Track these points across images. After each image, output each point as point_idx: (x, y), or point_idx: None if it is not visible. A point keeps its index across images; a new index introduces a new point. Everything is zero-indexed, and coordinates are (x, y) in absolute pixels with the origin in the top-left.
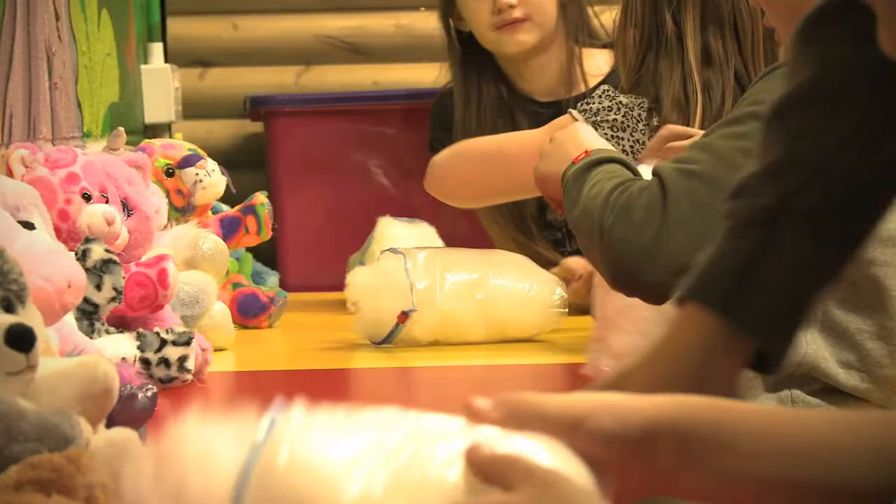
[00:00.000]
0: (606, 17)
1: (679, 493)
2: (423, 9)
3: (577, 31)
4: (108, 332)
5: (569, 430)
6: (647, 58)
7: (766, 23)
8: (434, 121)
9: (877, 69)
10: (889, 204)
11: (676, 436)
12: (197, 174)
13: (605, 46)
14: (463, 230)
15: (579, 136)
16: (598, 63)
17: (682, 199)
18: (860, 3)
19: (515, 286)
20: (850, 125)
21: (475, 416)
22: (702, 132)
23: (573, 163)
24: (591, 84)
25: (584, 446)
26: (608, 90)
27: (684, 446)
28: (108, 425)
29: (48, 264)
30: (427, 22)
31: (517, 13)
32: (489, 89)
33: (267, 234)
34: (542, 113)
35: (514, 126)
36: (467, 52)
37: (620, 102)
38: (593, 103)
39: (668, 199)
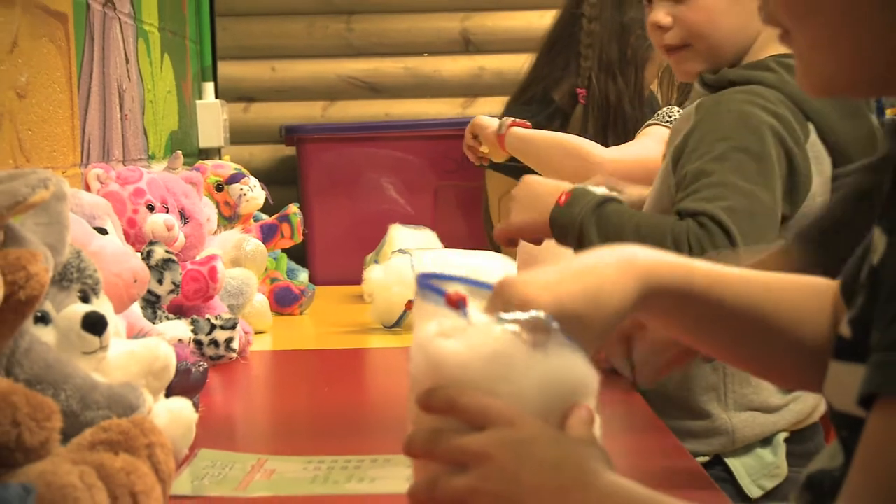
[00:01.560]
0: None
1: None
2: (426, 54)
3: None
4: (167, 318)
5: None
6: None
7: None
8: None
9: None
10: None
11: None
12: (241, 189)
13: None
14: (459, 234)
15: (543, 182)
16: None
17: (744, 238)
18: None
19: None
20: None
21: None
22: None
23: (558, 204)
24: None
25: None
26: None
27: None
28: (167, 395)
29: (118, 263)
30: (429, 65)
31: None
32: None
33: (298, 238)
34: None
35: None
36: None
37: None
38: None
39: (734, 239)
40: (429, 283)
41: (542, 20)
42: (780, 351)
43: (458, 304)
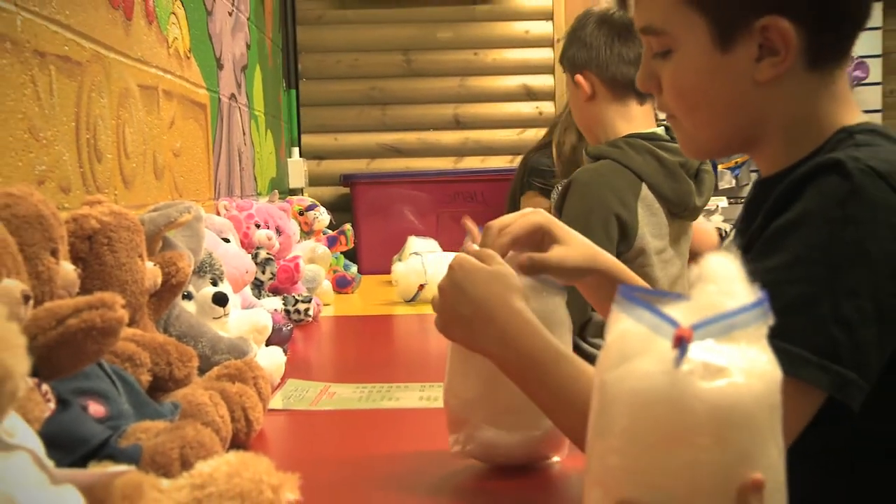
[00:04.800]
0: None
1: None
2: (431, 130)
3: None
4: (268, 296)
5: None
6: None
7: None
8: None
9: None
10: None
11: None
12: (315, 214)
13: None
14: (453, 243)
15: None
16: None
17: None
18: None
19: None
20: None
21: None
22: None
23: None
24: None
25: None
26: None
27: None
28: (267, 345)
29: (236, 261)
30: (433, 137)
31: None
32: None
33: (350, 245)
34: None
35: None
36: None
37: None
38: None
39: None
40: (651, 306)
41: (508, 108)
42: None
43: (680, 343)
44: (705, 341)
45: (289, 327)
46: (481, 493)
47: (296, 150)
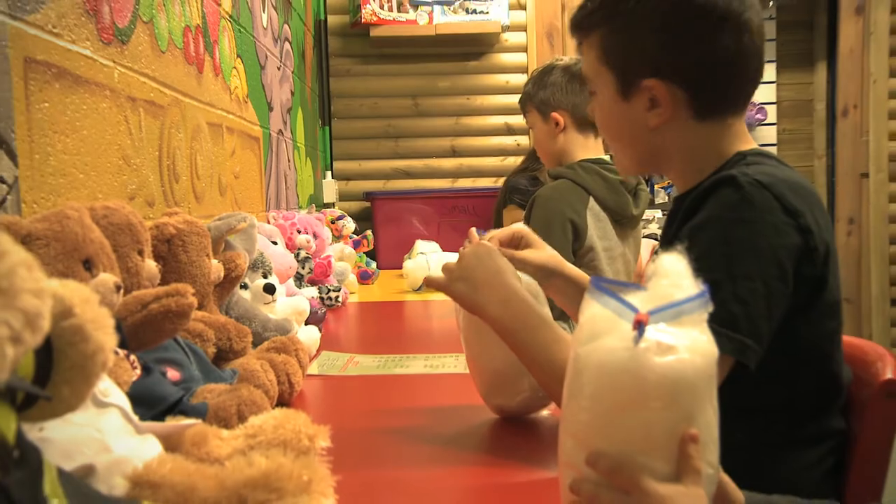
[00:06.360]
0: None
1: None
2: (433, 157)
3: None
4: (306, 286)
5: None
6: None
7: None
8: None
9: None
10: None
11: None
12: (343, 223)
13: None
14: (452, 246)
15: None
16: None
17: None
18: None
19: None
20: None
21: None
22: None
23: None
24: None
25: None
26: None
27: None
28: (306, 324)
29: (282, 258)
30: (435, 163)
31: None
32: None
33: (371, 247)
34: None
35: None
36: None
37: None
38: None
39: None
40: (615, 295)
41: (493, 140)
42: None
43: (639, 326)
44: (659, 324)
45: (323, 311)
46: (477, 438)
47: (329, 173)
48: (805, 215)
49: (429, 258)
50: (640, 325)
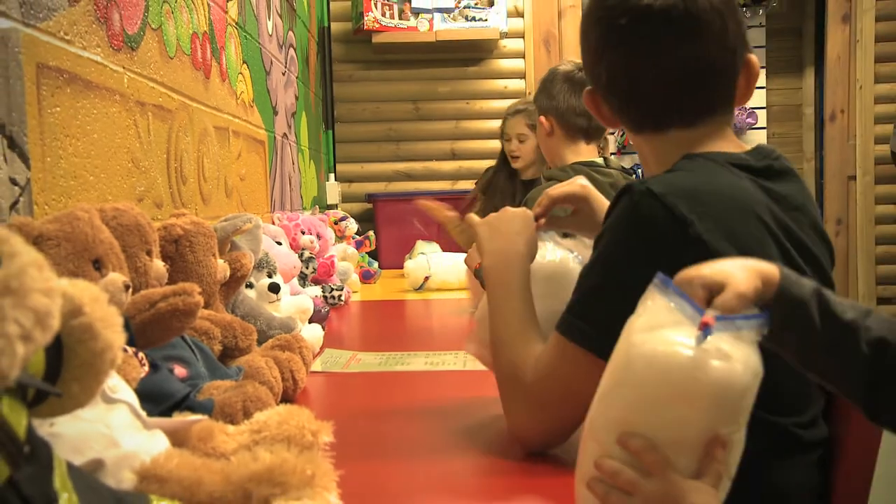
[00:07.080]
0: None
1: None
2: (434, 160)
3: None
4: (310, 285)
5: None
6: None
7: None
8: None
9: None
10: None
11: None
12: (346, 224)
13: None
14: (450, 247)
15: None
16: None
17: None
18: None
19: None
20: None
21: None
22: None
23: None
24: None
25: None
26: None
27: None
28: (309, 322)
29: (286, 258)
30: (435, 165)
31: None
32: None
33: (373, 247)
34: None
35: None
36: None
37: None
38: None
39: None
40: (684, 294)
41: (491, 144)
42: None
43: (705, 328)
44: (721, 332)
45: (326, 309)
46: (477, 433)
47: (332, 175)
48: (695, 224)
49: (429, 259)
50: (706, 328)
